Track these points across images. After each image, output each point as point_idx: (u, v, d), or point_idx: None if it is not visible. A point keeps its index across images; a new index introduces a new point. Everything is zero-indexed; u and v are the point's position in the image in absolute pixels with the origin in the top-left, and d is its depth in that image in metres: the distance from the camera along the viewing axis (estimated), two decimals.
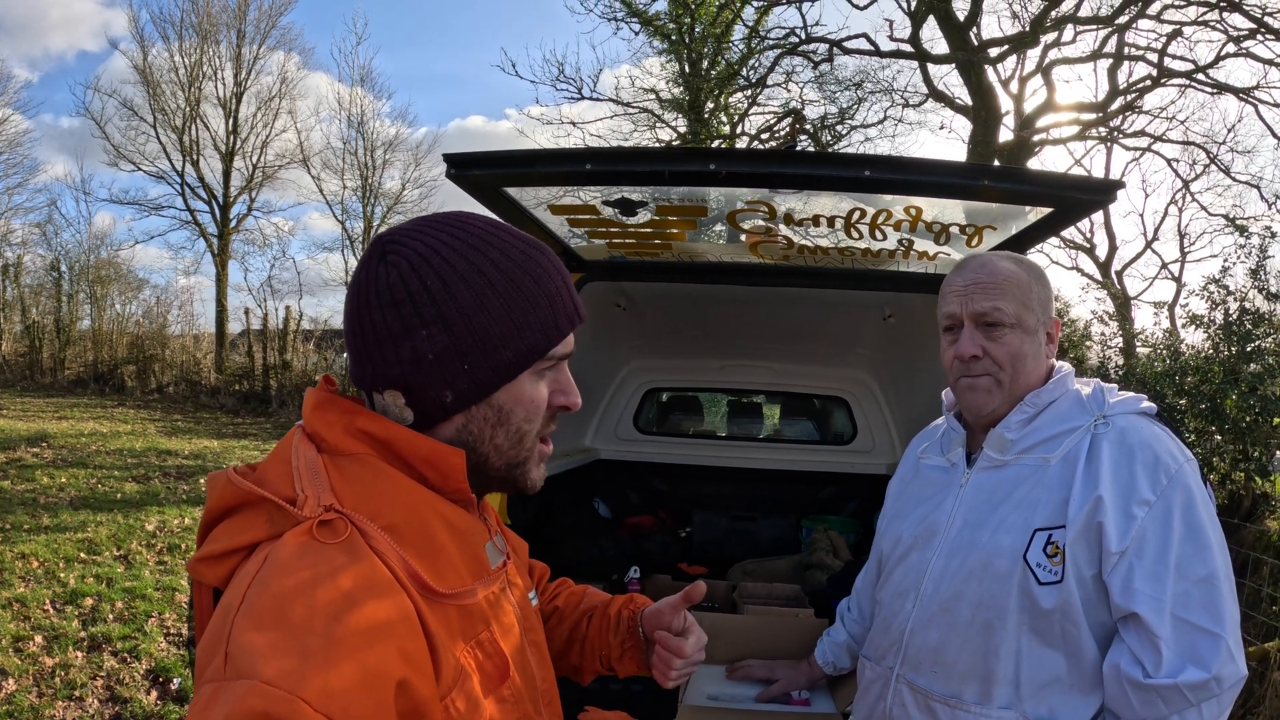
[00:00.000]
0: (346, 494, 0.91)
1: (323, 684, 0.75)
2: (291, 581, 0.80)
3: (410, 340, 0.95)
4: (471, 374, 0.97)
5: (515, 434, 1.02)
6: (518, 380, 1.00)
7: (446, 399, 0.98)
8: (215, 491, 0.94)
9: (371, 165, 27.74)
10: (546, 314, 1.00)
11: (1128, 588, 1.44)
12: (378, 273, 0.97)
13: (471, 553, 1.01)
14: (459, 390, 0.97)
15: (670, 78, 18.76)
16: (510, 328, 0.97)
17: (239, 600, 0.81)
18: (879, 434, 4.55)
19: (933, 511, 1.71)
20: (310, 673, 0.75)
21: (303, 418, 1.01)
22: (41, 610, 5.59)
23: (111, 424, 15.22)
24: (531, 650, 1.12)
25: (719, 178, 2.09)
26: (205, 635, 0.82)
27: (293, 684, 0.74)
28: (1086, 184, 2.04)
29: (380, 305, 0.96)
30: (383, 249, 0.98)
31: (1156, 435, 1.53)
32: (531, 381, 1.01)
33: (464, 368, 0.96)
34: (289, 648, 0.76)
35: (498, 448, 1.02)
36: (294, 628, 0.77)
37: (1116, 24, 14.44)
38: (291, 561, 0.82)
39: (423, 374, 0.96)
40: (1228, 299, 7.19)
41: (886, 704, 1.71)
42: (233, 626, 0.78)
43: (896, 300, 3.49)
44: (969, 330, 1.62)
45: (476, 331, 0.96)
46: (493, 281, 0.97)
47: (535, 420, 1.03)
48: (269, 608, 0.79)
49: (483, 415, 1.00)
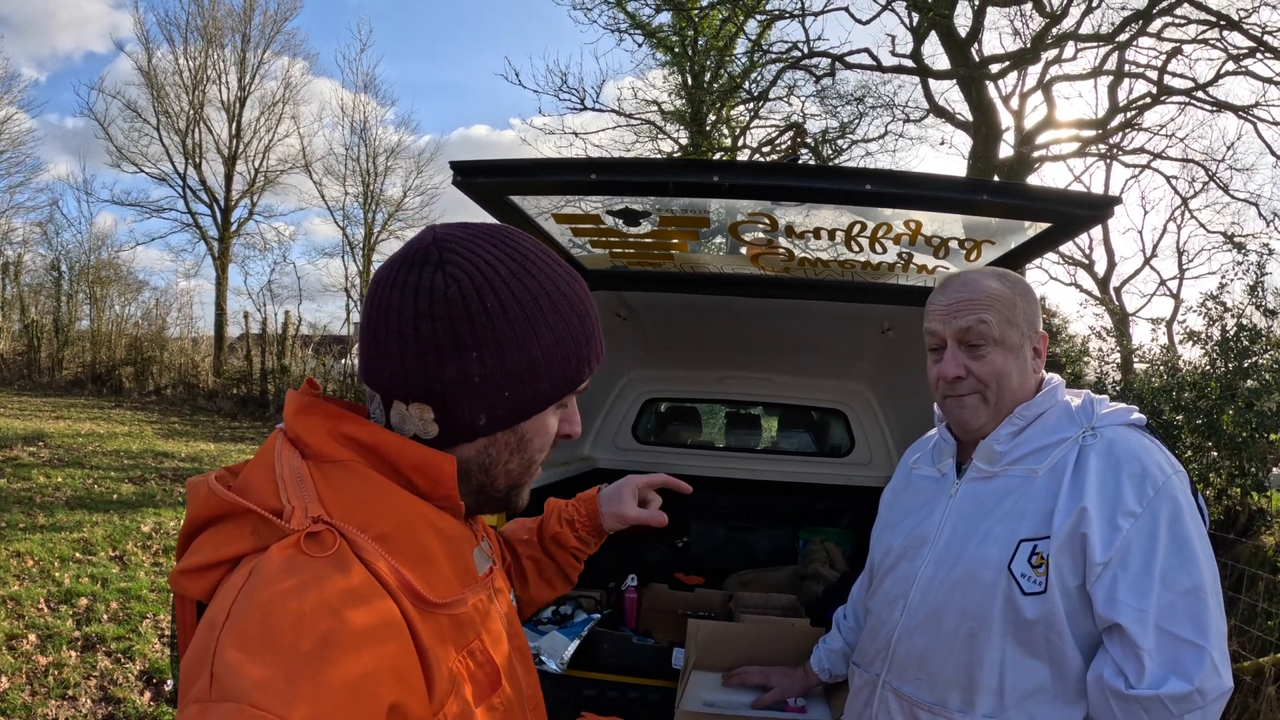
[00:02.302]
0: (334, 504, 0.88)
1: (312, 708, 0.73)
2: (279, 599, 0.78)
3: (459, 360, 0.93)
4: (510, 401, 0.96)
5: (527, 460, 1.04)
6: (546, 411, 1.01)
7: (480, 422, 0.96)
8: (197, 500, 0.91)
9: (373, 172, 27.81)
10: (585, 350, 1.01)
11: (1111, 599, 1.44)
12: (434, 282, 0.92)
13: (460, 560, 1.00)
14: (495, 415, 0.97)
15: (673, 90, 18.87)
16: (554, 360, 0.98)
17: (223, 617, 0.78)
18: (876, 447, 4.56)
19: (922, 522, 1.73)
20: (300, 697, 0.73)
21: (284, 421, 0.97)
22: (36, 609, 5.58)
23: (108, 425, 15.20)
24: (517, 655, 1.11)
25: (722, 189, 2.11)
26: (189, 652, 0.79)
27: (282, 708, 0.71)
28: (1084, 199, 2.07)
29: (432, 316, 0.92)
30: (440, 254, 0.94)
31: (1145, 447, 1.53)
32: (552, 412, 1.03)
33: (505, 394, 0.96)
34: (277, 669, 0.73)
35: (509, 472, 1.03)
36: (282, 648, 0.75)
37: (1117, 42, 14.51)
38: (278, 577, 0.79)
39: (463, 394, 0.94)
40: (1225, 315, 7.22)
41: (873, 710, 1.72)
42: (218, 644, 0.75)
43: (895, 314, 3.51)
44: (952, 349, 1.62)
45: (526, 361, 0.95)
46: (546, 312, 0.96)
47: (546, 449, 1.05)
48: (255, 626, 0.76)
49: (505, 441, 1.00)
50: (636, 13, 16.90)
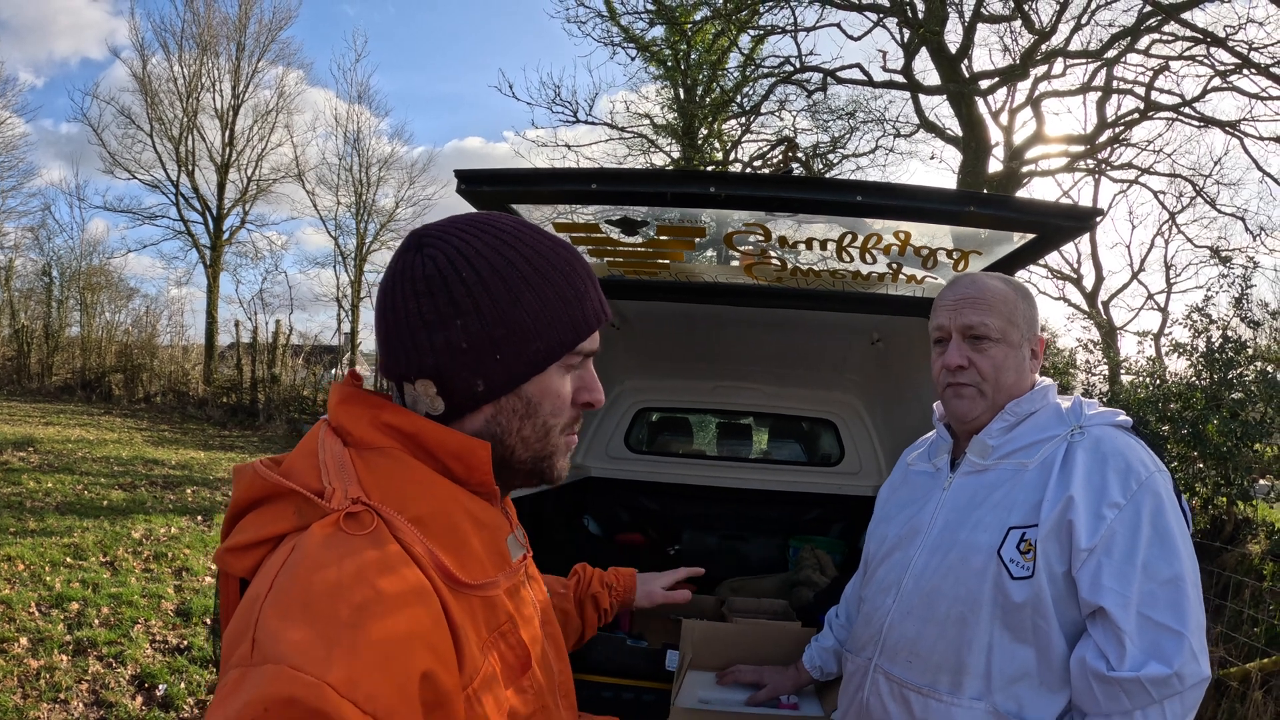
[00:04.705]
0: (373, 486, 0.93)
1: (348, 670, 0.76)
2: (319, 571, 0.82)
3: (445, 329, 0.97)
4: (504, 364, 0.99)
5: (542, 427, 1.05)
6: (546, 373, 1.03)
7: (478, 388, 1.00)
8: (243, 483, 0.96)
9: (366, 182, 27.81)
10: (576, 309, 1.03)
11: (1095, 583, 1.50)
12: (413, 263, 0.99)
13: (495, 545, 1.04)
14: (491, 380, 1.00)
15: (665, 103, 19.00)
16: (542, 321, 1.00)
17: (266, 589, 0.82)
18: (866, 457, 4.61)
19: (917, 513, 1.80)
20: (336, 659, 0.76)
21: (328, 411, 1.03)
22: (27, 613, 5.58)
23: (98, 431, 15.16)
24: (549, 643, 1.15)
25: (718, 200, 2.17)
26: (232, 623, 0.83)
27: (319, 669, 0.75)
28: (1068, 211, 2.14)
29: (416, 295, 0.98)
30: (419, 241, 1.01)
31: (1130, 445, 1.60)
32: (558, 375, 1.04)
33: (496, 357, 0.99)
34: (316, 635, 0.77)
35: (524, 440, 1.05)
36: (321, 616, 0.79)
37: (1105, 58, 14.65)
38: (319, 552, 0.84)
39: (456, 363, 0.98)
40: (1210, 327, 7.31)
41: (864, 694, 1.78)
42: (260, 614, 0.79)
43: (885, 324, 3.56)
44: (956, 342, 1.72)
45: (510, 322, 0.98)
46: (526, 276, 1.00)
47: (561, 414, 1.06)
48: (297, 596, 0.80)
49: (511, 407, 1.03)
50: (630, 26, 17.00)
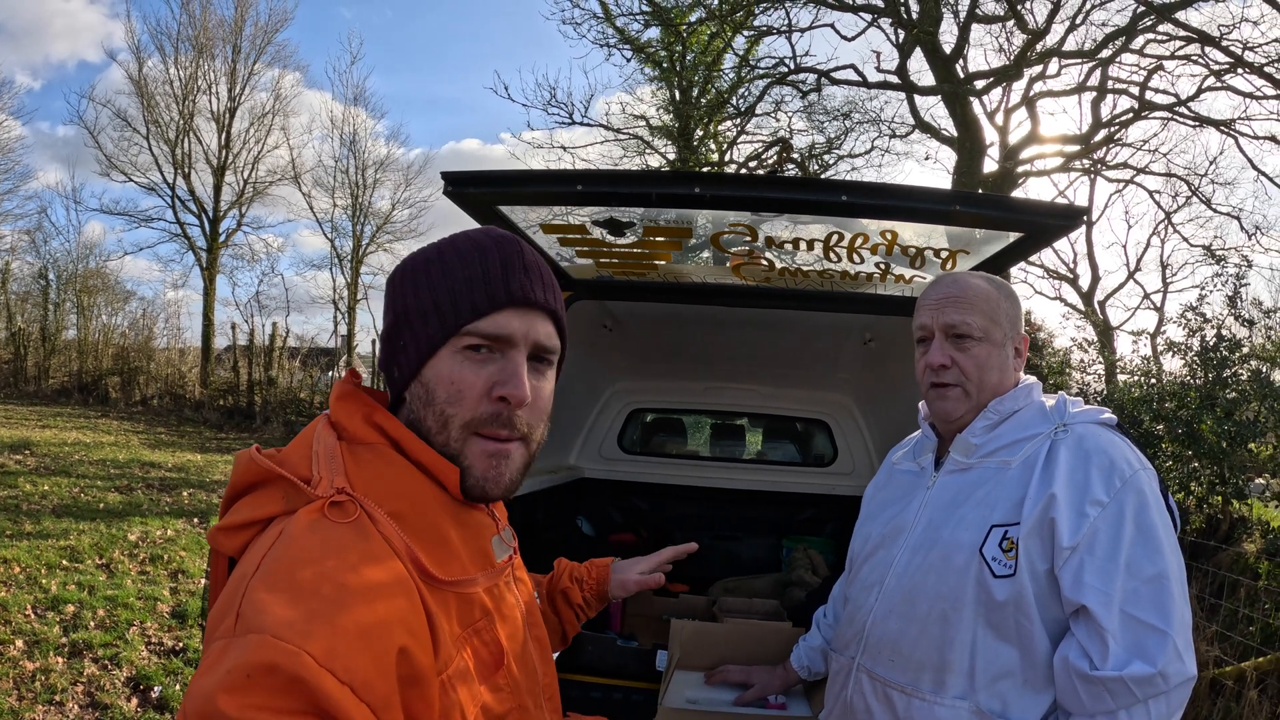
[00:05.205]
0: (358, 479, 0.97)
1: (328, 642, 0.80)
2: (303, 552, 0.87)
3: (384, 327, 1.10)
4: (405, 349, 1.06)
5: (440, 416, 1.03)
6: (438, 356, 1.04)
7: (394, 374, 1.08)
8: (239, 468, 1.01)
9: (362, 184, 27.87)
10: (478, 289, 1.04)
11: (1078, 581, 1.50)
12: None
13: (477, 545, 1.07)
14: (400, 365, 1.06)
15: (660, 105, 18.98)
16: (433, 304, 1.04)
17: (253, 568, 0.86)
18: (859, 456, 4.62)
19: (901, 512, 1.80)
20: (317, 631, 0.80)
21: (329, 407, 1.08)
22: (23, 615, 5.57)
23: (95, 434, 15.14)
24: (534, 645, 1.17)
25: (703, 200, 2.18)
26: (219, 600, 0.88)
27: (300, 640, 0.79)
28: (1054, 210, 2.14)
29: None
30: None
31: (1113, 443, 1.60)
32: (453, 360, 1.03)
33: (401, 343, 1.06)
34: (298, 609, 0.81)
35: (429, 431, 1.04)
36: (304, 592, 0.83)
37: (1100, 58, 14.67)
38: (304, 535, 0.89)
39: (383, 352, 1.09)
40: (1205, 326, 7.31)
41: (848, 693, 1.78)
42: (246, 590, 0.84)
43: (876, 324, 3.57)
44: (939, 341, 1.72)
45: (409, 309, 1.06)
46: (432, 265, 1.07)
47: (458, 404, 1.02)
48: (281, 574, 0.84)
49: (416, 394, 1.05)
50: (625, 28, 17.02)
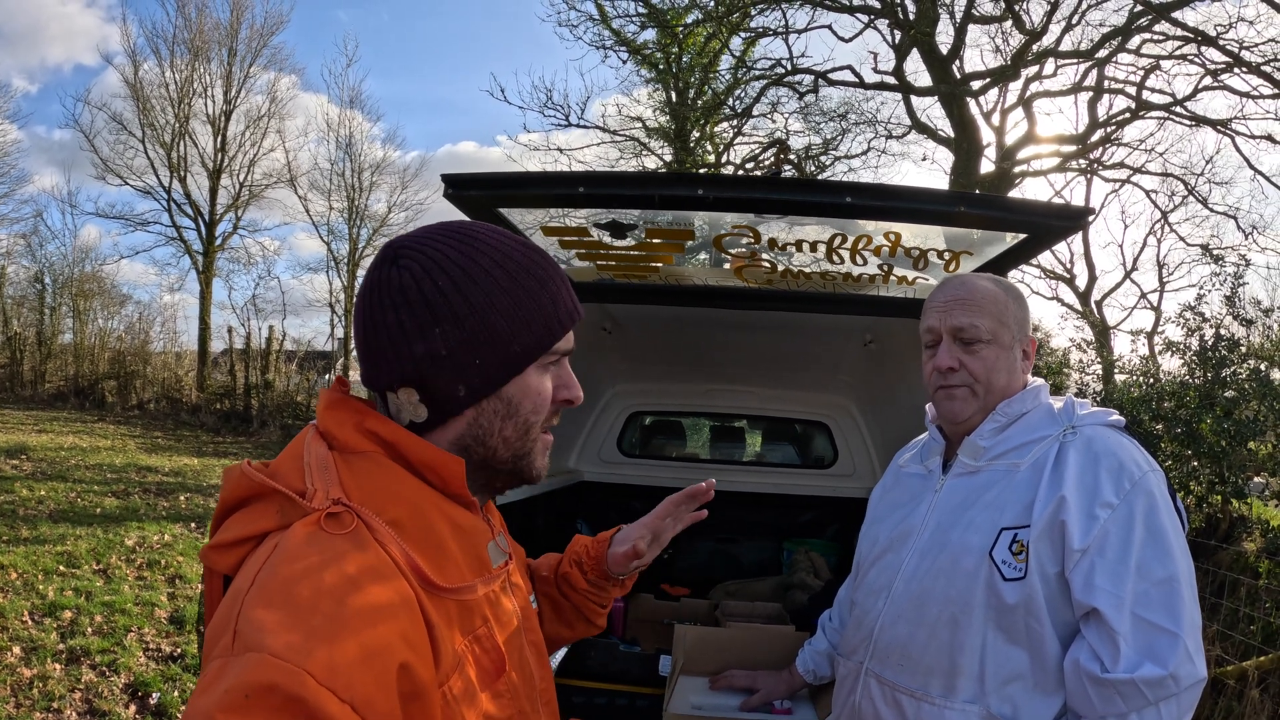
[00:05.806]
0: (354, 489, 0.95)
1: (328, 659, 0.78)
2: (300, 567, 0.84)
3: (424, 338, 1.00)
4: (483, 368, 1.02)
5: (522, 425, 1.07)
6: (525, 374, 1.05)
7: (460, 393, 1.02)
8: (230, 483, 0.98)
9: (359, 187, 27.83)
10: (550, 311, 1.06)
11: (1089, 584, 1.49)
12: (389, 276, 1.02)
13: (474, 551, 1.05)
14: (472, 384, 1.02)
15: (657, 106, 19.00)
16: (518, 323, 1.03)
17: (249, 585, 0.84)
18: (859, 458, 4.60)
19: (908, 516, 1.78)
20: (316, 649, 0.78)
21: (316, 416, 1.05)
22: (20, 621, 5.55)
23: (91, 439, 15.10)
24: (531, 650, 1.15)
25: (706, 202, 2.16)
26: (215, 617, 0.85)
27: (299, 658, 0.77)
28: (1058, 210, 2.13)
29: (394, 306, 1.00)
30: (394, 254, 1.03)
31: (1122, 444, 1.59)
32: (537, 375, 1.07)
33: (476, 362, 1.01)
34: (296, 625, 0.79)
35: (505, 440, 1.07)
36: (301, 608, 0.81)
37: (1096, 58, 14.70)
38: (300, 549, 0.86)
39: (437, 370, 1.01)
40: (1203, 326, 7.31)
41: (856, 698, 1.76)
42: (242, 607, 0.81)
43: (877, 325, 3.55)
44: (947, 344, 1.70)
45: (488, 327, 1.01)
46: (499, 280, 1.02)
47: (541, 412, 1.09)
48: (278, 590, 0.82)
49: (493, 408, 1.05)
50: (621, 30, 17.04)
